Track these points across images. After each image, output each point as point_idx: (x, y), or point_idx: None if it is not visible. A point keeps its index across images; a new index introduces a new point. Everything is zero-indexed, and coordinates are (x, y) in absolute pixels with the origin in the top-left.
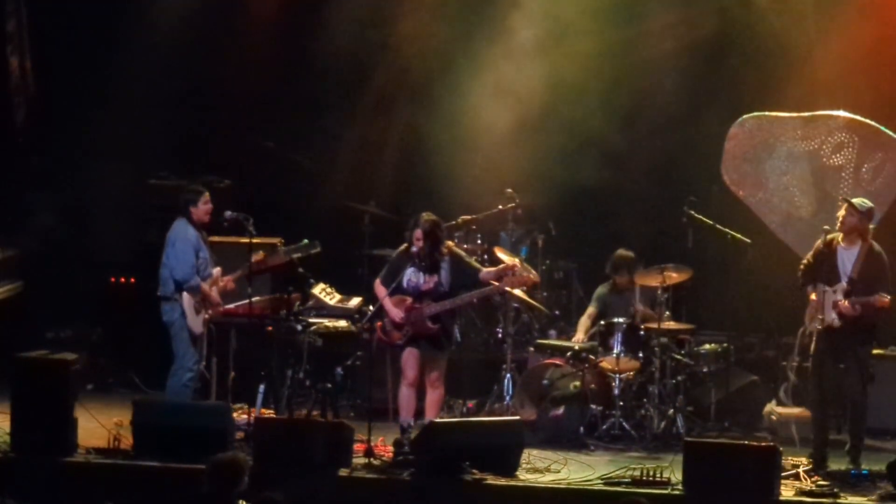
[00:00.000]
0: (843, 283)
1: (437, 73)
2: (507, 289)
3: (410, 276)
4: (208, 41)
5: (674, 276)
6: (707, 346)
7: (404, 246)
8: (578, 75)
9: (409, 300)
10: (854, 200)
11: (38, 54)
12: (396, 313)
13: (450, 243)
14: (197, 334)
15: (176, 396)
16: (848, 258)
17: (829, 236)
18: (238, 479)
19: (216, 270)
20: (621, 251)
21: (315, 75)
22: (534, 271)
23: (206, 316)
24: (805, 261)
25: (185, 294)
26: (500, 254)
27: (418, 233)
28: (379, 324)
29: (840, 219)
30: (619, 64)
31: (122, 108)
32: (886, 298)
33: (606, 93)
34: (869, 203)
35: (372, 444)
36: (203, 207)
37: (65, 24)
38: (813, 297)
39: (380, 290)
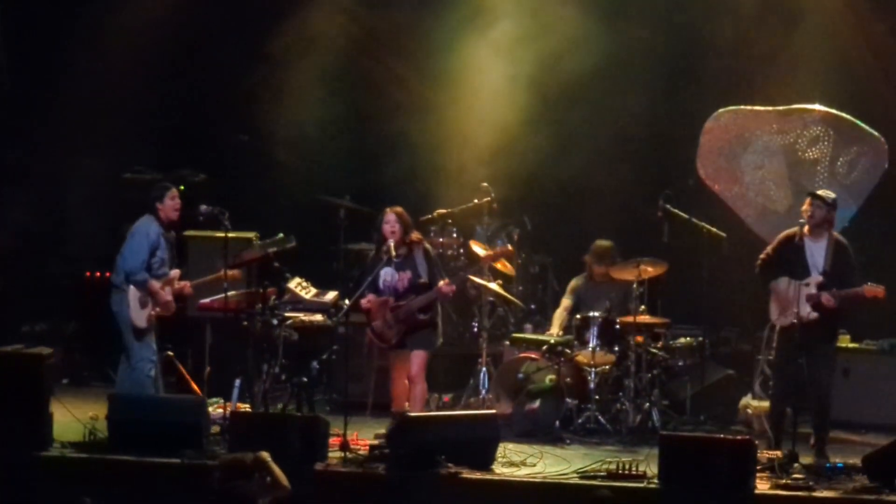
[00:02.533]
0: (817, 276)
1: (413, 67)
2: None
3: (384, 276)
4: (182, 35)
5: (649, 270)
6: (682, 340)
7: (372, 252)
8: (554, 70)
9: (391, 300)
10: (819, 192)
11: (12, 48)
12: (385, 316)
13: (417, 234)
14: (140, 328)
15: (140, 389)
16: (817, 251)
17: (791, 230)
18: (247, 477)
19: (174, 272)
20: (601, 241)
21: (290, 69)
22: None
23: (153, 312)
24: (764, 255)
25: (131, 287)
26: (476, 247)
27: (391, 217)
28: (368, 330)
29: (808, 212)
30: (594, 59)
31: (97, 102)
32: (880, 289)
33: (582, 88)
34: (833, 194)
35: (348, 437)
36: (170, 203)
37: (39, 18)
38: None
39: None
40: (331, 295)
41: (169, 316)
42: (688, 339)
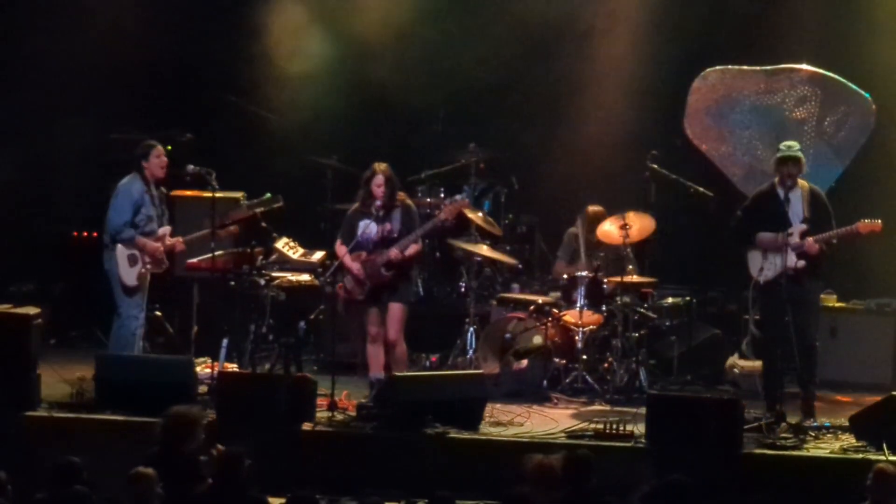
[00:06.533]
0: (800, 225)
1: (398, 24)
2: (447, 217)
3: (363, 229)
4: None
5: (635, 221)
6: (669, 300)
7: (355, 205)
8: (539, 27)
9: (364, 254)
10: (784, 155)
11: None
12: (357, 268)
13: (402, 194)
14: (129, 286)
15: (124, 346)
16: (794, 200)
17: (763, 187)
18: (191, 433)
19: (164, 229)
20: (593, 207)
21: (276, 29)
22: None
23: (144, 270)
24: (737, 216)
25: (119, 245)
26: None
27: (379, 179)
28: (340, 285)
29: (790, 175)
30: (579, 16)
31: (83, 60)
32: (876, 223)
33: (568, 47)
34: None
35: (335, 397)
36: (155, 161)
37: None
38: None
39: (340, 249)
40: (318, 255)
41: (161, 273)
42: (675, 298)
